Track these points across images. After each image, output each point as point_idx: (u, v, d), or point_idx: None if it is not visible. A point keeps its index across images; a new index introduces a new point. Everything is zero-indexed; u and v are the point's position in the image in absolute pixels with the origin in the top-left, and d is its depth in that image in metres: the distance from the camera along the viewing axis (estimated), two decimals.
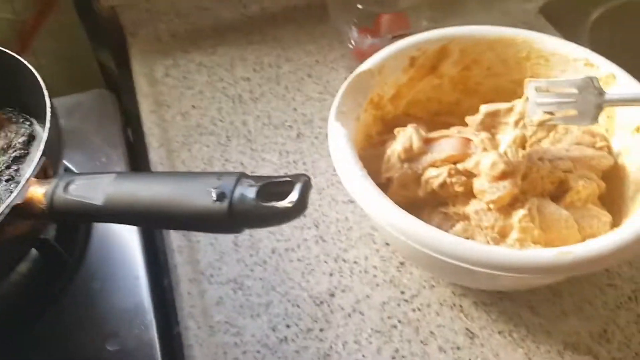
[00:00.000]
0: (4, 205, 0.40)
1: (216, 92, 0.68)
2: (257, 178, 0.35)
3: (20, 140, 0.54)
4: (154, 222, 0.37)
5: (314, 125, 0.64)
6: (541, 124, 0.44)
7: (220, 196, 0.35)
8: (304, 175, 0.34)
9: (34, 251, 0.54)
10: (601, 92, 0.43)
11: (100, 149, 0.65)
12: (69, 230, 0.56)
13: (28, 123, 0.56)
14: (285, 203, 0.33)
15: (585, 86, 0.43)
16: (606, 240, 0.38)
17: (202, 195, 0.35)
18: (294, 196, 0.33)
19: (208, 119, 0.65)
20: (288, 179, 0.34)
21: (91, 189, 0.38)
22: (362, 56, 0.59)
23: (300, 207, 0.33)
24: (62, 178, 0.40)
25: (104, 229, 0.57)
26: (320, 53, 0.72)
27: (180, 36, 0.75)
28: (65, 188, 0.39)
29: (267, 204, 0.34)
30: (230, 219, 0.34)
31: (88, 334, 0.49)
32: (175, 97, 0.68)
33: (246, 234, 0.55)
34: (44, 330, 0.50)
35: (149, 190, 0.37)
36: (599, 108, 0.43)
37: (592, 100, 0.43)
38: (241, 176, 0.36)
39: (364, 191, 0.42)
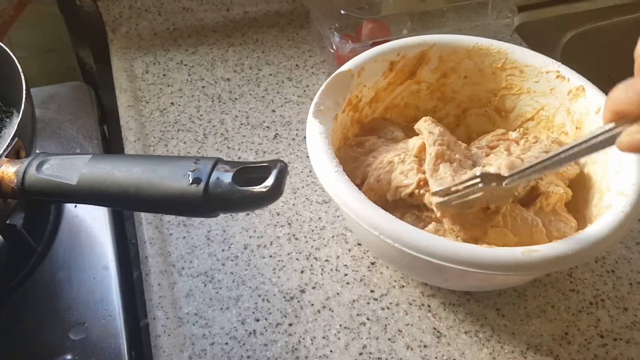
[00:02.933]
0: None
1: (195, 91, 0.69)
2: (233, 163, 0.36)
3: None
4: (129, 203, 0.37)
5: (292, 127, 0.65)
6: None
7: (197, 179, 0.35)
8: (281, 160, 0.34)
9: None
10: (500, 178, 0.41)
11: (75, 140, 0.64)
12: (37, 218, 0.55)
13: (2, 108, 0.55)
14: (261, 188, 0.34)
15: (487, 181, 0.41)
16: (570, 242, 0.39)
17: (178, 178, 0.35)
18: (269, 181, 0.34)
19: (186, 116, 0.65)
20: (265, 164, 0.34)
21: (65, 168, 0.38)
22: (343, 61, 0.60)
23: (275, 192, 0.34)
24: (35, 157, 0.40)
25: (73, 218, 0.56)
26: (300, 58, 0.73)
27: (161, 34, 0.76)
28: (38, 167, 0.39)
29: (243, 188, 0.34)
30: (205, 202, 0.35)
31: (51, 322, 0.49)
32: (154, 94, 0.68)
33: (219, 229, 0.55)
34: (4, 317, 0.49)
35: (124, 172, 0.37)
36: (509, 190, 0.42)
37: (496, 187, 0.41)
38: (218, 161, 0.36)
39: (338, 186, 0.42)
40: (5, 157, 0.41)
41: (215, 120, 0.65)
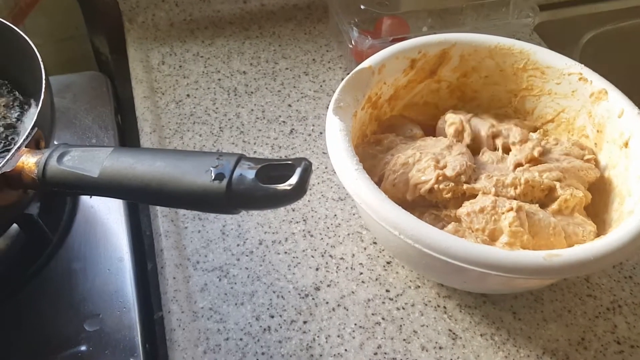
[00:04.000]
0: None
1: (211, 83, 0.68)
2: (257, 160, 0.35)
3: (13, 114, 0.53)
4: (150, 198, 0.37)
5: (308, 123, 0.64)
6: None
7: (219, 175, 0.35)
8: (305, 159, 0.34)
9: (12, 229, 0.53)
10: None
11: (91, 130, 0.64)
12: (52, 208, 0.55)
13: (19, 98, 0.55)
14: (285, 186, 0.33)
15: None
16: (593, 246, 0.39)
17: (200, 174, 0.35)
18: (293, 179, 0.33)
19: (202, 109, 0.65)
20: (289, 162, 0.34)
21: (87, 161, 0.38)
22: (361, 57, 0.60)
23: (299, 190, 0.33)
24: (56, 149, 0.39)
25: (89, 209, 0.56)
26: (317, 52, 0.72)
27: (178, 25, 0.75)
28: (59, 158, 0.39)
29: (266, 185, 0.34)
30: (227, 198, 0.34)
31: (66, 313, 0.49)
32: (170, 85, 0.68)
33: (234, 224, 0.54)
34: (20, 307, 0.49)
35: (147, 166, 0.36)
36: None
37: None
38: (241, 157, 0.36)
39: (359, 185, 0.42)
40: (25, 147, 0.41)
41: (231, 114, 0.65)
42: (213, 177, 0.35)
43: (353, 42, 0.62)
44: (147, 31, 0.74)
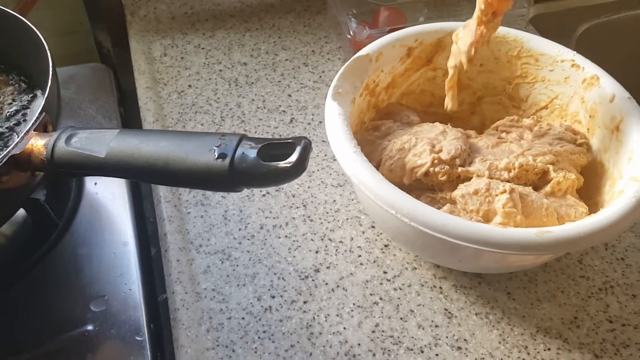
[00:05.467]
0: (2, 154, 0.41)
1: (213, 74, 0.70)
2: (258, 139, 0.37)
3: (20, 102, 0.55)
4: (156, 177, 0.38)
5: (308, 112, 0.65)
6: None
7: (222, 154, 0.36)
8: (305, 137, 0.35)
9: (19, 215, 0.54)
10: None
11: (95, 120, 0.65)
12: (58, 194, 0.57)
13: (25, 85, 0.56)
14: (285, 163, 0.35)
15: None
16: (584, 224, 0.40)
17: (204, 153, 0.36)
18: (293, 157, 0.35)
19: (203, 99, 0.67)
20: (289, 140, 0.36)
21: (94, 142, 0.39)
22: (359, 47, 0.61)
23: (299, 167, 0.35)
24: (64, 131, 0.41)
25: (94, 196, 0.58)
26: (316, 44, 0.74)
27: (179, 18, 0.77)
28: (67, 140, 0.40)
29: (267, 163, 0.35)
30: (231, 176, 0.36)
31: (73, 295, 0.50)
32: (172, 76, 0.69)
33: (236, 209, 0.56)
34: (28, 289, 0.50)
35: (152, 146, 0.38)
36: None
37: None
38: (243, 137, 0.37)
39: (357, 167, 0.43)
40: (34, 130, 0.43)
41: (232, 104, 0.66)
42: (216, 156, 0.36)
43: (351, 33, 0.63)
44: (148, 24, 0.76)
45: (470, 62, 0.47)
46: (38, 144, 0.41)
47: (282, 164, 0.35)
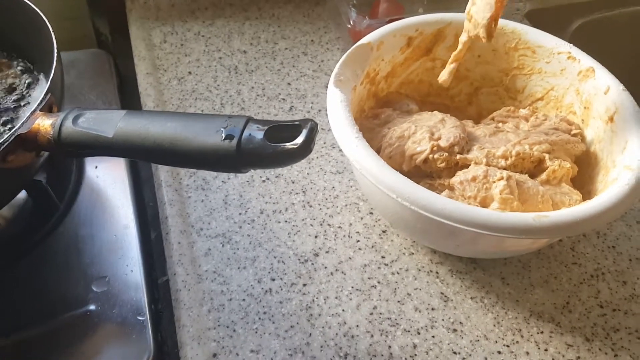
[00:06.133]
0: (8, 134, 0.41)
1: (213, 62, 0.70)
2: (264, 122, 0.37)
3: (23, 84, 0.55)
4: (163, 157, 0.39)
5: (307, 100, 0.66)
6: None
7: (229, 135, 0.37)
8: (311, 120, 0.36)
9: (19, 198, 0.54)
10: None
11: (95, 105, 0.66)
12: (59, 177, 0.57)
13: (29, 69, 0.57)
14: (292, 144, 0.35)
15: None
16: (579, 209, 0.42)
17: (211, 134, 0.37)
18: (300, 138, 0.35)
19: (203, 86, 0.67)
20: (296, 122, 0.36)
21: (101, 122, 0.40)
22: (358, 37, 0.61)
23: (305, 149, 0.35)
24: (70, 111, 0.41)
25: (94, 179, 0.58)
26: (316, 34, 0.74)
27: (179, 6, 0.77)
28: (75, 120, 0.40)
29: (274, 144, 0.36)
30: (238, 157, 0.36)
31: (75, 275, 0.51)
32: (172, 62, 0.70)
33: (236, 194, 0.56)
34: (30, 270, 0.51)
35: (159, 126, 0.38)
36: None
37: None
38: (249, 119, 0.38)
39: (359, 151, 0.44)
40: (40, 110, 0.43)
41: (232, 91, 0.67)
42: (223, 137, 0.37)
43: (351, 23, 0.64)
44: (148, 11, 0.76)
45: (489, 36, 0.47)
46: (45, 123, 0.41)
47: (288, 145, 0.35)
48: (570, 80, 0.55)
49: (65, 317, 0.47)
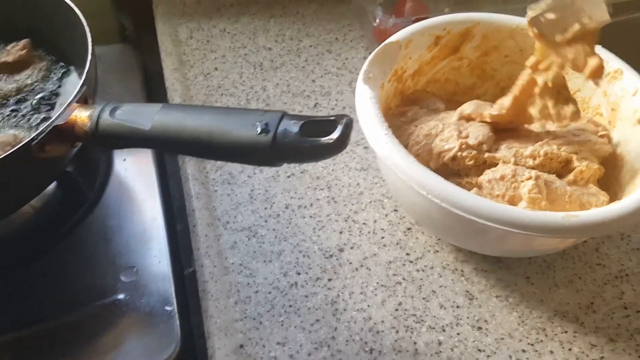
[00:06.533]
0: (46, 124, 0.42)
1: (238, 58, 0.71)
2: (300, 116, 0.38)
3: (54, 77, 0.56)
4: (199, 150, 0.40)
5: (331, 98, 0.67)
6: (578, 35, 0.44)
7: (265, 130, 0.37)
8: (347, 115, 0.37)
9: (47, 188, 0.55)
10: None
11: (122, 100, 0.65)
12: (87, 170, 0.58)
13: (60, 62, 0.58)
14: (328, 139, 0.36)
15: None
16: (609, 209, 0.42)
17: (247, 128, 0.38)
18: (336, 133, 0.36)
19: (229, 82, 0.68)
20: (331, 118, 0.37)
21: (138, 115, 0.40)
22: (383, 36, 0.62)
23: (341, 144, 0.36)
24: (108, 104, 0.42)
25: (122, 172, 0.59)
26: (340, 32, 0.75)
27: (204, 3, 0.78)
28: (112, 112, 0.41)
29: (310, 139, 0.36)
30: (273, 151, 0.37)
31: (103, 265, 0.51)
32: (198, 58, 0.70)
33: (262, 189, 0.57)
34: (60, 259, 0.52)
35: (196, 120, 0.39)
36: None
37: None
38: (284, 114, 0.38)
39: (389, 148, 0.45)
40: (76, 102, 0.44)
41: (258, 87, 0.67)
42: (259, 131, 0.37)
43: (377, 21, 0.65)
44: (174, 7, 0.77)
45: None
46: (82, 115, 0.42)
47: (324, 139, 0.36)
48: None
49: (94, 305, 0.48)
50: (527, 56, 0.57)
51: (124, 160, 0.60)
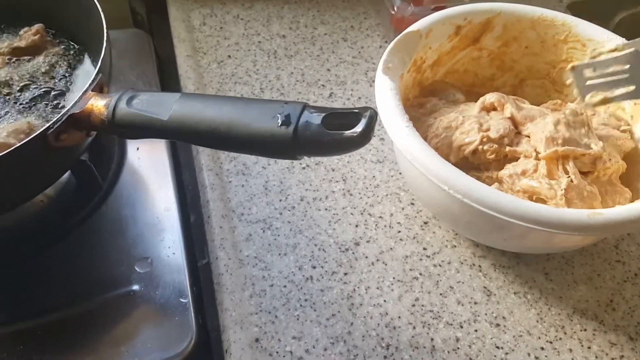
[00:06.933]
0: (61, 113, 0.41)
1: (252, 45, 0.70)
2: (321, 108, 0.37)
3: (66, 64, 0.55)
4: (218, 142, 0.39)
5: (347, 87, 0.66)
6: (602, 104, 0.45)
7: (286, 121, 0.36)
8: (371, 108, 0.36)
9: (62, 178, 0.55)
10: None
11: (135, 86, 0.66)
12: (102, 159, 0.57)
13: (74, 48, 0.57)
14: (351, 132, 0.35)
15: (635, 59, 0.43)
16: (633, 207, 0.41)
17: (267, 119, 0.37)
18: (360, 127, 0.35)
19: (243, 70, 0.67)
20: (355, 110, 0.36)
21: (156, 104, 0.39)
22: (401, 24, 0.61)
23: (364, 137, 0.35)
24: (124, 92, 0.41)
25: (136, 161, 0.58)
26: (355, 19, 0.74)
27: None
28: (129, 101, 0.40)
29: (332, 132, 0.35)
30: (294, 143, 0.36)
31: (118, 255, 0.51)
32: (211, 46, 0.69)
33: (276, 180, 0.56)
34: (74, 248, 0.51)
35: (215, 110, 0.38)
36: None
37: None
38: (306, 105, 0.37)
39: (410, 141, 0.44)
40: (92, 90, 0.43)
41: (271, 76, 0.66)
42: (280, 123, 0.36)
43: (395, 9, 0.63)
44: None
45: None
46: (98, 104, 0.41)
47: (347, 133, 0.35)
48: None
49: (109, 295, 0.48)
50: (548, 48, 0.56)
51: (137, 149, 0.59)
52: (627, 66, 0.44)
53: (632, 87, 0.44)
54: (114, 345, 0.45)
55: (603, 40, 0.54)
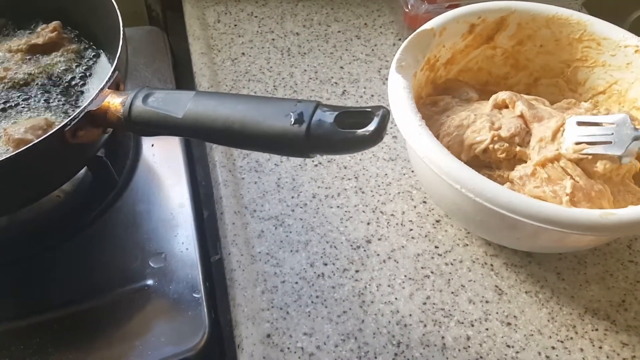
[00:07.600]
0: (79, 110, 0.42)
1: (265, 43, 0.70)
2: (334, 107, 0.37)
3: (85, 60, 0.56)
4: (231, 139, 0.39)
5: (360, 85, 0.66)
6: (576, 152, 0.46)
7: (299, 120, 0.37)
8: (383, 106, 0.36)
9: (78, 174, 0.56)
10: (636, 128, 0.46)
11: (150, 83, 0.66)
12: (117, 154, 0.58)
13: (91, 46, 0.57)
14: (364, 131, 0.35)
15: (622, 122, 0.46)
16: None
17: (280, 117, 0.37)
18: (372, 125, 0.35)
19: (257, 67, 0.67)
20: (367, 109, 0.36)
21: (171, 102, 0.40)
22: (414, 22, 0.61)
23: (377, 136, 0.35)
24: (140, 90, 0.42)
25: (151, 157, 0.59)
26: (369, 17, 0.74)
27: None
28: (145, 99, 0.41)
29: (345, 130, 0.36)
30: (306, 141, 0.36)
31: (133, 250, 0.51)
32: (225, 43, 0.70)
33: (289, 177, 0.57)
34: (90, 243, 0.52)
35: (229, 108, 0.38)
36: (634, 140, 0.45)
37: (627, 134, 0.46)
38: (319, 104, 0.38)
39: (422, 140, 0.44)
40: (108, 88, 0.44)
41: (285, 73, 0.67)
42: (293, 121, 0.37)
43: (409, 7, 0.63)
44: None
45: None
46: (115, 101, 0.42)
47: (360, 131, 0.35)
48: (637, 74, 0.53)
49: (124, 290, 0.48)
50: (562, 47, 0.56)
51: (152, 145, 0.59)
52: (614, 125, 0.46)
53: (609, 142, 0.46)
54: (128, 339, 0.46)
55: (619, 39, 0.54)
